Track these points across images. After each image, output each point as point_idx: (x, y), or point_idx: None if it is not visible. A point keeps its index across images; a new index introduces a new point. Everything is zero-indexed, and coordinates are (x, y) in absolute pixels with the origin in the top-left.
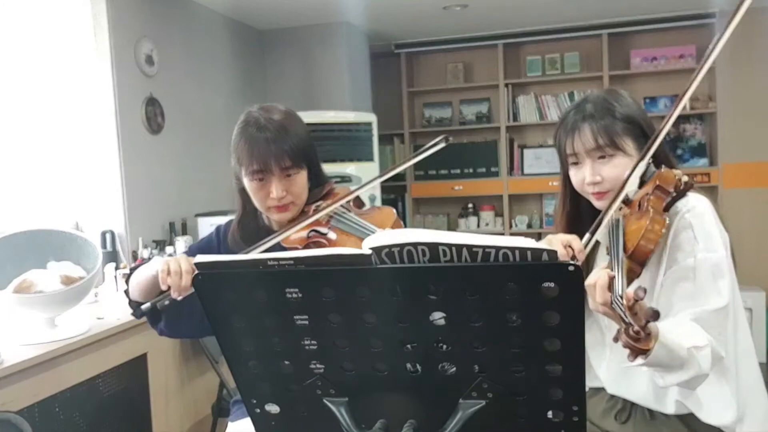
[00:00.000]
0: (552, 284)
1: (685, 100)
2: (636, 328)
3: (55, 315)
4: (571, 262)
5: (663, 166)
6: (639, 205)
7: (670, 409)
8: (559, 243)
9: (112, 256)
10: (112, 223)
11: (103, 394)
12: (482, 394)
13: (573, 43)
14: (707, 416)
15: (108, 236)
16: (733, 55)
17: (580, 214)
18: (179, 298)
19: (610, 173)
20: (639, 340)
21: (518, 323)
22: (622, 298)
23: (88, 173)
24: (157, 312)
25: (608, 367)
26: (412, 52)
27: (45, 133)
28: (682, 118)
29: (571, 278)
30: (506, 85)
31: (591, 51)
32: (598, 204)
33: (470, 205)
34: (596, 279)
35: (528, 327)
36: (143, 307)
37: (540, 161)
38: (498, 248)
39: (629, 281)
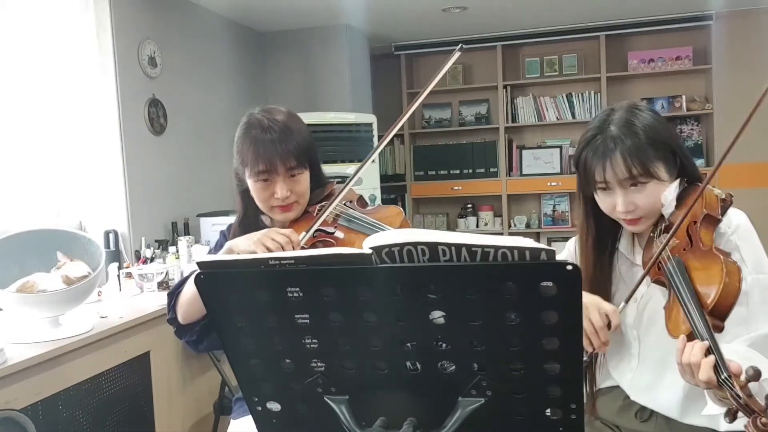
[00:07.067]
0: (550, 283)
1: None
2: (764, 419)
3: (58, 314)
4: (569, 261)
5: (698, 185)
6: (690, 237)
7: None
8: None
9: (115, 256)
10: (115, 222)
11: (106, 393)
12: (481, 392)
13: (571, 45)
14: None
15: (111, 236)
16: (730, 57)
17: (602, 235)
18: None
19: (643, 201)
20: None
21: (517, 322)
22: (730, 377)
23: (91, 173)
24: (209, 330)
25: (635, 377)
26: (412, 54)
27: (49, 133)
28: (679, 119)
29: (569, 277)
30: (505, 86)
31: (589, 52)
32: (630, 228)
33: (469, 206)
34: (694, 357)
35: (527, 326)
36: None
37: (538, 162)
38: (497, 248)
39: None
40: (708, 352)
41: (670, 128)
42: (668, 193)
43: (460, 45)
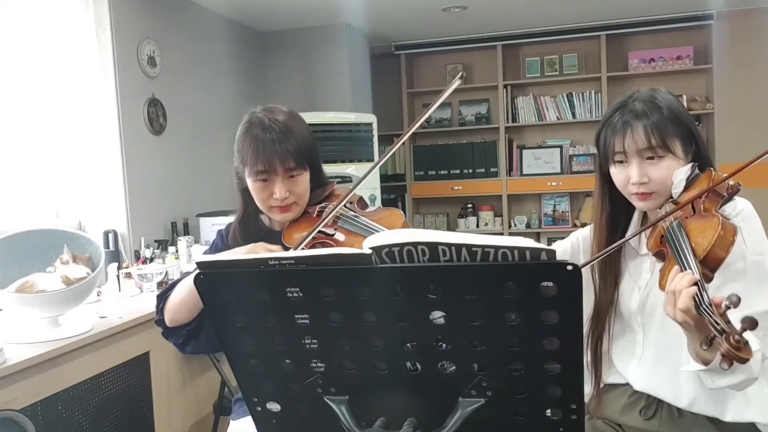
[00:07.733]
0: (551, 283)
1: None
2: (737, 336)
3: (57, 314)
4: (570, 261)
5: (710, 169)
6: (693, 208)
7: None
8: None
9: (115, 256)
10: (114, 222)
11: (106, 393)
12: (481, 392)
13: (571, 45)
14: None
15: (110, 236)
16: (731, 56)
17: (616, 215)
18: None
19: (657, 175)
20: (740, 349)
21: (517, 322)
22: (711, 305)
23: (91, 173)
24: (195, 333)
25: (639, 365)
26: (412, 53)
27: (48, 133)
28: None
29: (569, 277)
30: (505, 86)
31: (589, 52)
32: (639, 205)
33: (470, 205)
34: (680, 284)
35: (527, 326)
36: None
37: (539, 162)
38: (497, 248)
39: None
40: (694, 285)
41: (688, 113)
42: (680, 172)
43: (461, 73)
